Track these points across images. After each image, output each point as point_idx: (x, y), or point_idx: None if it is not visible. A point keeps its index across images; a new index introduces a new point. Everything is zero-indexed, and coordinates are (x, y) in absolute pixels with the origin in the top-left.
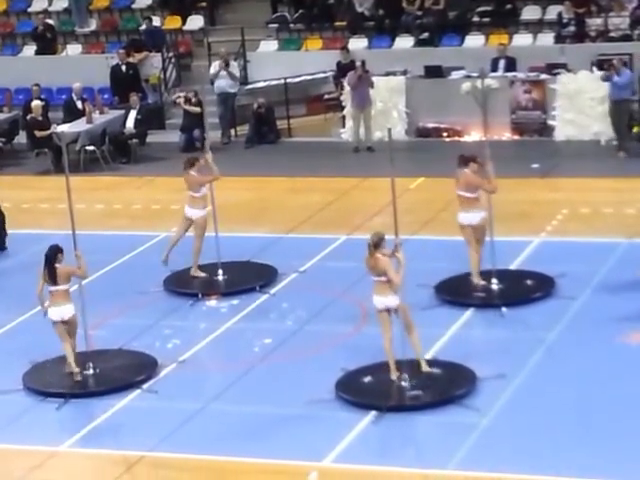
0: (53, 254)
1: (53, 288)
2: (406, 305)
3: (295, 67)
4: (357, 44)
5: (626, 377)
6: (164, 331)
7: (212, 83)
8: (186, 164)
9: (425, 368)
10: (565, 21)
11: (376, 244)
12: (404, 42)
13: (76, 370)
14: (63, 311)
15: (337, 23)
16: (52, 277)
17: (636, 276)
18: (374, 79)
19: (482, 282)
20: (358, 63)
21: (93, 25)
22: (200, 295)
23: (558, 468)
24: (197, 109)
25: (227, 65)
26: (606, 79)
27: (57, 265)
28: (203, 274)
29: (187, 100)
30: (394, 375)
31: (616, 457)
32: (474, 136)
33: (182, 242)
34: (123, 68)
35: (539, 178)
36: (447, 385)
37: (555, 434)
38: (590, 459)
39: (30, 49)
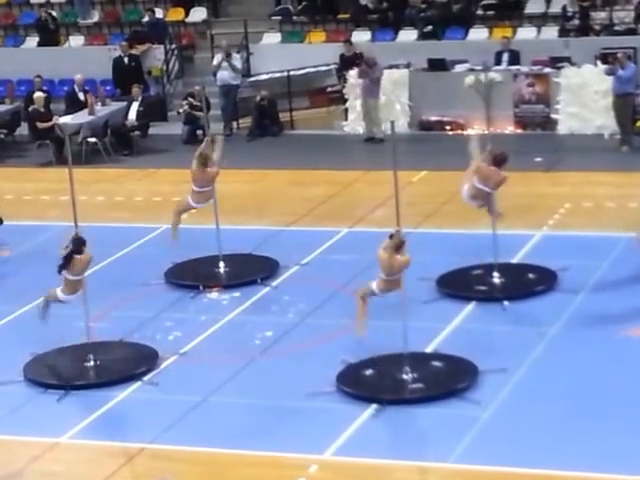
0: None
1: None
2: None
3: (298, 60)
4: (360, 37)
5: (629, 371)
6: (165, 323)
7: (214, 75)
8: (204, 161)
9: None
10: (569, 14)
11: (398, 246)
12: (407, 35)
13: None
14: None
15: (340, 16)
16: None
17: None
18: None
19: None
20: (370, 55)
21: (96, 17)
22: (201, 287)
23: (559, 462)
24: (202, 113)
25: (228, 56)
26: (610, 73)
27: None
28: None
29: (192, 106)
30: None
31: (618, 451)
32: (477, 129)
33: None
34: (125, 60)
35: (542, 172)
36: (448, 378)
37: (556, 428)
38: (592, 453)
39: (32, 40)
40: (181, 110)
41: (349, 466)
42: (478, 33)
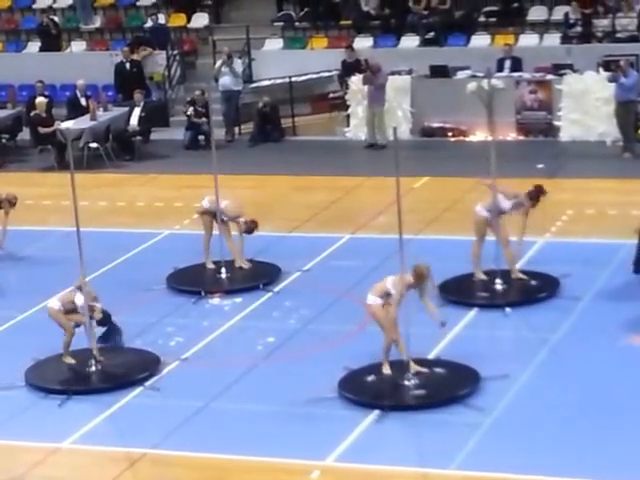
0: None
1: None
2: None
3: (300, 65)
4: (362, 43)
5: (630, 378)
6: (167, 328)
7: (216, 80)
8: None
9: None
10: (572, 21)
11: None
12: (410, 41)
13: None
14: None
15: (342, 22)
16: None
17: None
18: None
19: (482, 277)
20: (374, 61)
21: (98, 22)
22: (203, 293)
23: (561, 468)
24: (203, 120)
25: (229, 58)
26: (613, 80)
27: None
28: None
29: (196, 112)
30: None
31: (620, 457)
32: (479, 136)
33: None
34: (127, 65)
35: (544, 179)
36: (450, 385)
37: (558, 434)
38: (594, 459)
39: (34, 45)
40: (188, 112)
41: (351, 472)
42: (480, 40)
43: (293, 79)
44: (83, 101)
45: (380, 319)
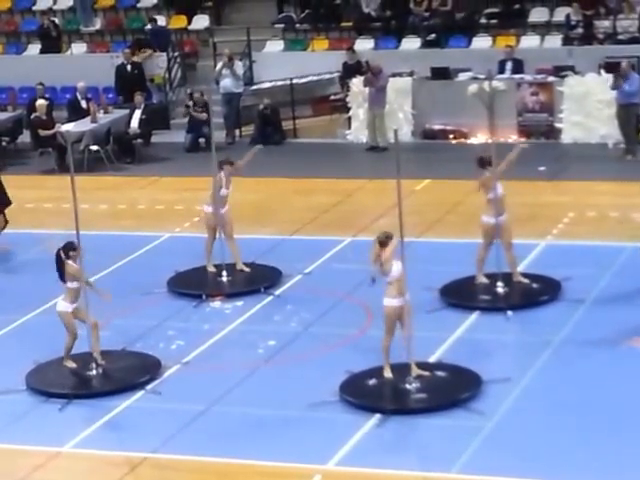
0: (64, 250)
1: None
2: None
3: (301, 67)
4: (363, 45)
5: (632, 381)
6: (168, 332)
7: (217, 83)
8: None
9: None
10: (573, 23)
11: (382, 242)
12: (411, 43)
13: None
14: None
15: (343, 24)
16: (60, 275)
17: None
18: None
19: (484, 280)
20: (376, 63)
21: (98, 24)
22: (204, 296)
23: (563, 472)
24: (204, 115)
25: (230, 60)
26: (615, 88)
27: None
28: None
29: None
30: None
31: (621, 461)
32: (480, 138)
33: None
34: (128, 67)
35: (546, 181)
36: (452, 388)
37: (560, 438)
38: (595, 463)
39: (35, 48)
40: (188, 103)
41: (352, 476)
42: (482, 42)
43: (294, 81)
44: (84, 103)
45: (387, 319)
